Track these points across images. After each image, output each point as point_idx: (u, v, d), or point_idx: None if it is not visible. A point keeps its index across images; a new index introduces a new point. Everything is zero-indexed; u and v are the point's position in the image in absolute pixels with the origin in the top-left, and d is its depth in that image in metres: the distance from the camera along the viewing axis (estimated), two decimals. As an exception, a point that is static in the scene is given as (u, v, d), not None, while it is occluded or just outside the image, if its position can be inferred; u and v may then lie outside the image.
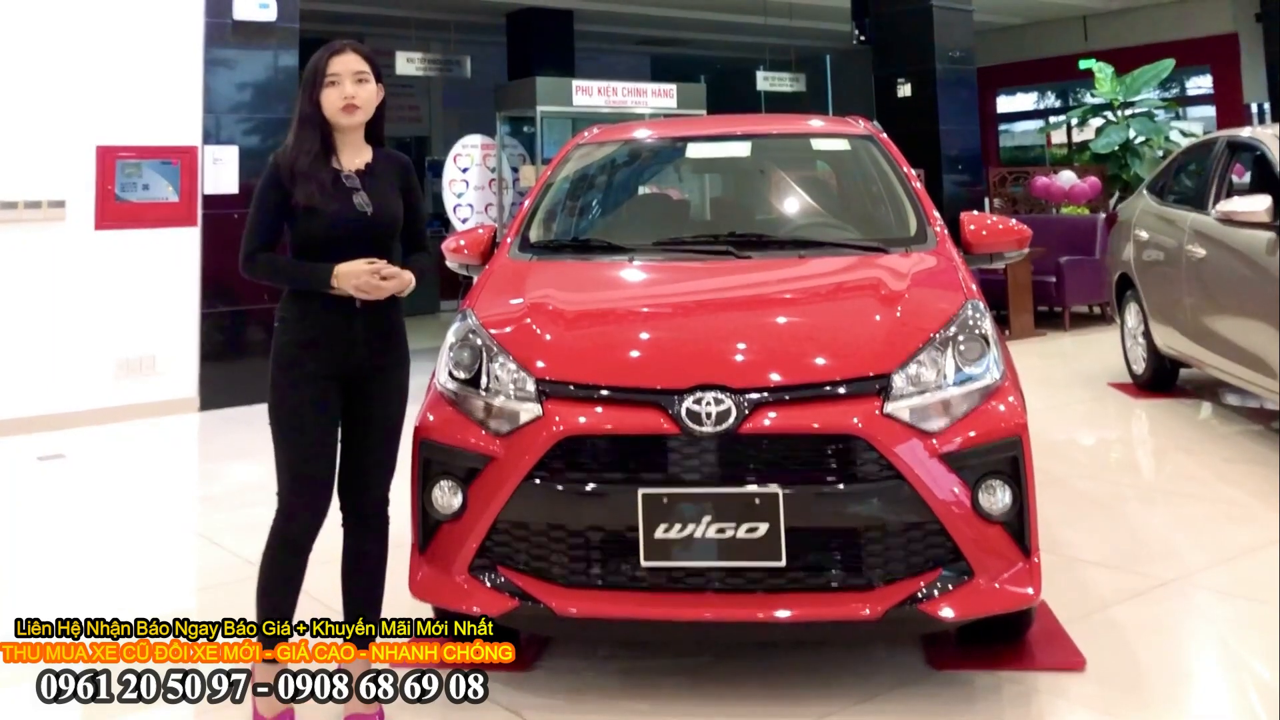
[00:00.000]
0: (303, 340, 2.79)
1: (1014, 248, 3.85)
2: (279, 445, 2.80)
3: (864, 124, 4.47)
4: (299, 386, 2.77)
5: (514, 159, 10.17)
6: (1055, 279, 9.69)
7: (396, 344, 2.91)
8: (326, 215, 2.79)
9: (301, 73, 2.93)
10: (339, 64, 2.84)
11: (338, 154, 2.89)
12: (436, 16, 13.54)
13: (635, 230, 4.06)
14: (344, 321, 2.80)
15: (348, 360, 2.81)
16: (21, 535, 4.83)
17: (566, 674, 3.13)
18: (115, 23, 7.22)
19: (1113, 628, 3.35)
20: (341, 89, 2.83)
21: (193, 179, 7.39)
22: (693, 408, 2.80)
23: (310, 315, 2.80)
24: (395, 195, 2.92)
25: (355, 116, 2.86)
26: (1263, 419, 5.95)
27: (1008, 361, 3.12)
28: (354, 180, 2.87)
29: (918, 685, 3.00)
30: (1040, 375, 7.36)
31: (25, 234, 6.82)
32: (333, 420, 2.82)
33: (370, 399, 2.86)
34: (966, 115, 12.17)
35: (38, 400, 6.74)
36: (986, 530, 2.82)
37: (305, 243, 2.83)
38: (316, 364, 2.78)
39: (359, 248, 2.80)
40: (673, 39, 17.25)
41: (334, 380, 2.81)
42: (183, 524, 5.01)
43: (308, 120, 2.85)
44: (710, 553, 2.78)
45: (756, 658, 3.15)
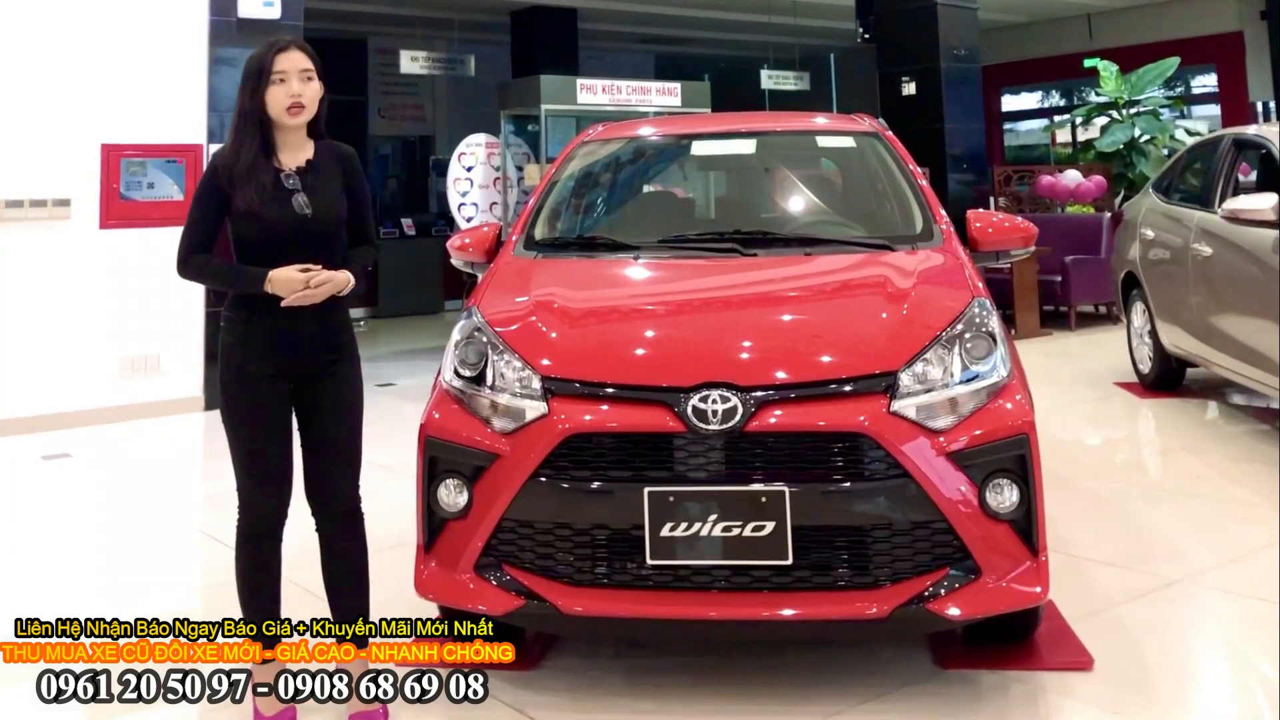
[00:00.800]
0: (248, 341, 2.78)
1: (1020, 245, 3.83)
2: (233, 444, 2.81)
3: (869, 121, 4.46)
4: (247, 387, 2.77)
5: (518, 157, 10.15)
6: (1061, 278, 9.67)
7: (344, 340, 2.89)
8: (266, 219, 2.76)
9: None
10: (285, 61, 2.79)
11: (278, 153, 2.85)
12: (440, 15, 13.53)
13: (640, 228, 4.05)
14: (289, 321, 2.77)
15: (295, 360, 2.80)
16: (27, 534, 4.83)
17: (572, 673, 3.13)
18: (120, 21, 7.22)
19: (1120, 627, 3.34)
20: (288, 87, 2.78)
21: (198, 177, 7.34)
22: (698, 406, 2.79)
23: (255, 316, 2.78)
24: (338, 191, 2.89)
25: (300, 117, 2.82)
26: (1269, 418, 5.94)
27: (1015, 360, 3.11)
28: (294, 180, 2.83)
29: (925, 684, 2.99)
30: (1046, 375, 7.35)
31: (31, 233, 6.83)
32: (283, 416, 2.82)
33: (322, 397, 2.84)
34: (971, 114, 12.14)
35: (43, 399, 6.75)
36: (994, 529, 2.81)
37: (245, 245, 2.81)
38: (263, 364, 2.78)
39: (300, 250, 2.78)
40: (677, 37, 17.23)
41: (282, 379, 2.80)
42: (188, 523, 5.01)
43: (248, 118, 2.80)
44: (716, 551, 2.77)
45: (762, 656, 3.14)
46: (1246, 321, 5.27)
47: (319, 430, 2.85)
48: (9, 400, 6.64)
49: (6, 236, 6.75)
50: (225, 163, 2.80)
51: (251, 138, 2.79)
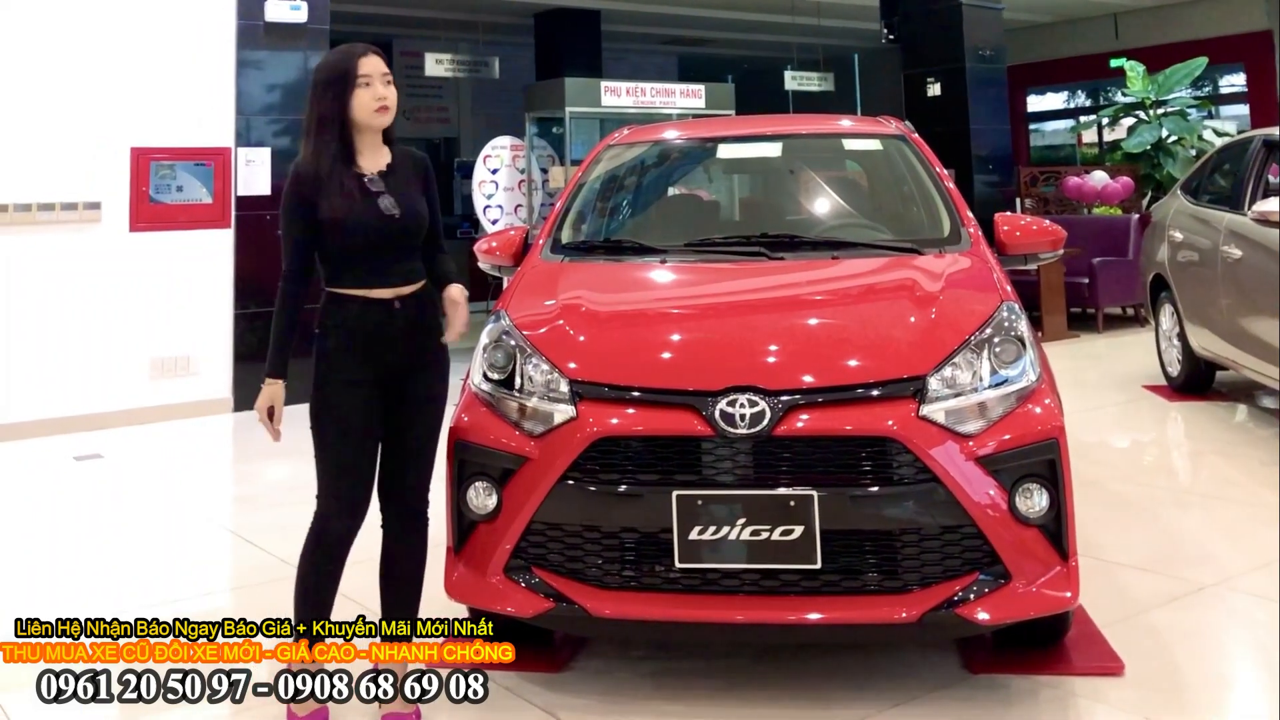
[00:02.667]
0: (343, 344, 2.81)
1: (1049, 249, 3.82)
2: (320, 448, 2.82)
3: (895, 124, 4.45)
4: (341, 391, 2.79)
5: (543, 160, 10.19)
6: (1088, 280, 9.61)
7: (434, 345, 2.92)
8: (353, 223, 2.79)
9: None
10: (369, 65, 2.84)
11: (358, 157, 2.88)
12: (465, 17, 13.58)
13: (667, 231, 4.06)
14: (383, 322, 2.82)
15: (387, 361, 2.83)
16: (59, 534, 4.88)
17: (601, 675, 3.14)
18: (149, 26, 7.30)
19: (1151, 632, 3.32)
20: (374, 90, 2.83)
21: (226, 180, 7.46)
22: (726, 409, 2.80)
23: (351, 318, 2.82)
24: (418, 194, 2.93)
25: (387, 118, 2.87)
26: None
27: (1044, 363, 3.09)
28: (378, 183, 2.87)
29: (954, 689, 2.98)
30: (1074, 377, 7.30)
31: (62, 236, 6.91)
32: (374, 424, 2.84)
33: (409, 401, 2.88)
34: (997, 114, 12.08)
35: (74, 400, 6.83)
36: (1023, 533, 2.80)
37: (333, 250, 2.83)
38: (358, 367, 2.80)
39: (388, 252, 2.83)
40: (700, 39, 17.23)
41: (375, 384, 2.83)
42: (218, 523, 5.05)
43: (328, 123, 2.83)
44: (745, 555, 2.77)
45: (791, 660, 3.14)
46: (1276, 324, 5.22)
47: (401, 437, 2.88)
48: (41, 401, 6.72)
49: (39, 240, 6.83)
50: (307, 170, 2.82)
51: (332, 143, 2.82)
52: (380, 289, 2.83)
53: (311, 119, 2.87)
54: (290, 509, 2.86)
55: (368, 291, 2.82)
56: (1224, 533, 4.27)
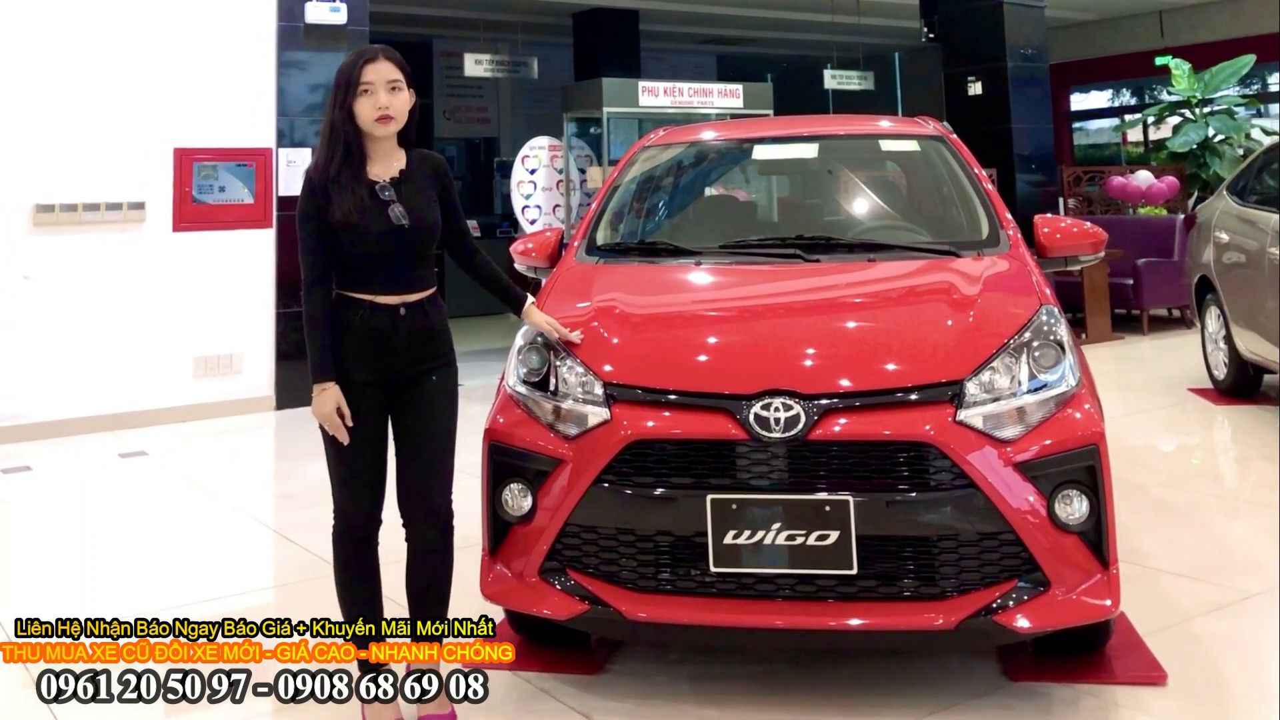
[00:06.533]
0: (347, 346, 2.81)
1: (1089, 251, 3.77)
2: (329, 452, 2.84)
3: (933, 124, 4.41)
4: (344, 392, 2.78)
5: (581, 160, 10.21)
6: (1133, 281, 9.48)
7: (441, 349, 2.92)
8: (362, 231, 2.78)
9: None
10: (372, 72, 2.80)
11: (370, 164, 2.87)
12: (503, 18, 13.65)
13: (702, 233, 4.05)
14: (387, 327, 2.81)
15: (392, 366, 2.83)
16: (103, 530, 4.96)
17: (636, 678, 3.14)
18: (191, 28, 7.39)
19: (1195, 641, 3.27)
20: (375, 98, 2.79)
21: (267, 181, 7.54)
22: (761, 413, 2.79)
23: (356, 321, 2.81)
24: (432, 200, 2.90)
25: (389, 128, 2.83)
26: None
27: (1083, 368, 3.05)
28: (388, 191, 2.84)
29: (993, 696, 2.95)
30: (1118, 380, 7.21)
31: (107, 235, 7.01)
32: (379, 425, 2.84)
33: (416, 406, 2.86)
34: (1039, 113, 11.94)
35: (120, 398, 6.93)
36: (1063, 540, 2.76)
37: (345, 257, 2.83)
38: (361, 372, 2.80)
39: (397, 260, 2.82)
40: (739, 38, 17.18)
41: (379, 387, 2.83)
42: (260, 521, 5.11)
43: (337, 129, 2.81)
44: (780, 559, 2.76)
45: (828, 666, 3.12)
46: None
47: (413, 445, 2.87)
48: (87, 399, 6.83)
49: (84, 239, 6.94)
50: (317, 175, 2.82)
51: (340, 149, 2.81)
52: (387, 295, 2.82)
53: (324, 125, 2.88)
54: (330, 508, 2.88)
55: (374, 297, 2.81)
56: (1271, 539, 4.19)
